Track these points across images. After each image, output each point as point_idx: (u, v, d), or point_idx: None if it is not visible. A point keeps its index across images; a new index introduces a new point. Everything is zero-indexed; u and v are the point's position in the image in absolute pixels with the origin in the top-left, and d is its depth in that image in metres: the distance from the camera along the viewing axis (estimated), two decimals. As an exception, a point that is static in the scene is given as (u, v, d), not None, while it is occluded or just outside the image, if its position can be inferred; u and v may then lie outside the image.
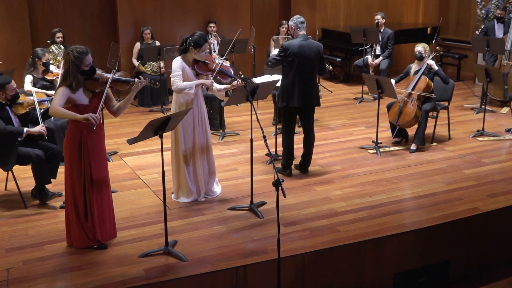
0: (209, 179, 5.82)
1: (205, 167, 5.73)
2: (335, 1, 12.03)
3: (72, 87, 4.46)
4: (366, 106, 9.47)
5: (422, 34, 11.37)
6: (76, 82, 4.46)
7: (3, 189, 6.04)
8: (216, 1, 10.58)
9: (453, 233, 5.36)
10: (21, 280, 4.34)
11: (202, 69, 5.50)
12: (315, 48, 6.16)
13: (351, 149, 7.33)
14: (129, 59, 9.87)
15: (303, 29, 6.23)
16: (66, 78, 4.47)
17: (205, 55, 5.47)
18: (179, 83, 5.39)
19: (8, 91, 5.50)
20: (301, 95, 6.12)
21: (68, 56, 4.46)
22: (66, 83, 4.46)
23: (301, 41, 6.14)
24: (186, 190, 5.69)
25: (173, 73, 5.42)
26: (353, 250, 4.94)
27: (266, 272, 4.61)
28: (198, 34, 5.41)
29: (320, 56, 6.20)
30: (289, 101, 6.15)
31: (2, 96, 5.50)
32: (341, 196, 5.88)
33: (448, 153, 7.17)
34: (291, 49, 6.08)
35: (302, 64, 6.10)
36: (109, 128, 7.91)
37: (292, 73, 6.10)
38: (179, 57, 5.50)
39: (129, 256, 4.69)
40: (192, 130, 5.55)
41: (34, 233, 5.10)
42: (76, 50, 4.46)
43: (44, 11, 9.85)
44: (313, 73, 6.23)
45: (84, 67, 4.48)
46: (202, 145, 5.63)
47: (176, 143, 5.61)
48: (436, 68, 7.20)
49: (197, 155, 5.62)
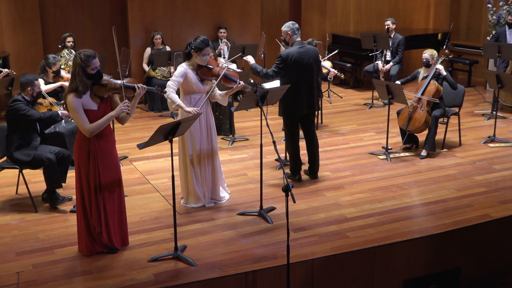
0: (216, 184, 5.82)
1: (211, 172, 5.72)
2: (345, 6, 12.03)
3: (78, 91, 4.43)
4: (376, 112, 9.45)
5: (432, 39, 11.35)
6: (82, 85, 4.43)
7: (14, 193, 6.08)
8: (227, 6, 10.61)
9: (464, 240, 5.33)
10: (31, 284, 4.36)
11: (205, 74, 5.45)
12: (312, 53, 6.15)
13: (361, 154, 7.31)
14: (139, 64, 9.91)
15: (299, 36, 6.20)
16: (73, 81, 4.47)
17: (207, 59, 5.41)
18: (171, 90, 5.37)
19: (36, 87, 5.66)
20: (305, 102, 6.11)
21: (75, 59, 4.47)
22: (72, 86, 4.44)
23: (299, 49, 6.09)
24: (194, 195, 5.70)
25: (172, 77, 5.45)
26: (362, 256, 4.92)
27: (275, 277, 4.60)
28: (201, 38, 5.40)
29: (318, 61, 6.20)
30: (294, 110, 6.12)
31: (29, 92, 5.62)
32: (351, 202, 5.87)
33: (458, 159, 7.13)
34: (291, 58, 6.02)
35: (303, 71, 6.07)
36: (119, 133, 7.95)
37: (294, 82, 5.98)
38: (184, 63, 5.49)
39: (139, 260, 4.70)
40: (199, 136, 5.55)
41: (44, 237, 5.12)
42: (84, 53, 4.46)
43: (56, 16, 9.92)
44: (314, 79, 6.21)
45: (91, 70, 4.45)
46: (208, 151, 5.63)
47: (183, 148, 5.62)
48: (445, 73, 7.17)
49: (204, 160, 5.62)
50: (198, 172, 5.62)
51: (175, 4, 10.22)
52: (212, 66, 5.45)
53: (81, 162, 4.60)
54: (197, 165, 5.60)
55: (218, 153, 5.80)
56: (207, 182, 5.70)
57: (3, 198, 5.94)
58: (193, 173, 5.61)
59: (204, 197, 5.72)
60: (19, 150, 5.56)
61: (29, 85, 5.62)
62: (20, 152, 5.57)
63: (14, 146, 5.57)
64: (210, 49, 5.40)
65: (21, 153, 5.57)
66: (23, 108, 5.48)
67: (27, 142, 5.57)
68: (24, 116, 5.48)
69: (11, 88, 7.63)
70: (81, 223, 4.73)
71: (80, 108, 4.43)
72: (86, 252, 4.76)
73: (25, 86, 5.62)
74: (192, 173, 5.61)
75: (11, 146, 5.59)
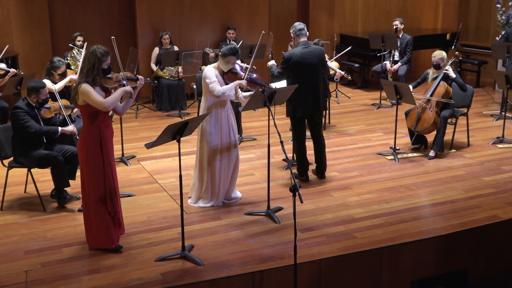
0: (232, 184, 5.83)
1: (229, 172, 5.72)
2: (354, 6, 12.00)
3: (95, 82, 4.63)
4: (384, 112, 9.43)
5: (441, 40, 11.30)
6: (99, 77, 4.65)
7: (23, 192, 6.11)
8: (235, 6, 10.62)
9: (472, 241, 5.31)
10: (39, 283, 4.38)
11: (231, 79, 5.53)
12: (317, 53, 6.13)
13: (368, 155, 7.30)
14: (147, 64, 9.93)
15: (303, 36, 6.17)
16: (89, 74, 4.62)
17: (229, 66, 5.48)
18: (218, 88, 5.40)
19: (41, 95, 5.66)
20: (310, 102, 6.10)
21: (94, 53, 4.63)
22: (88, 79, 4.61)
23: (302, 49, 6.09)
24: (206, 194, 5.70)
25: (210, 81, 5.42)
26: (370, 256, 4.91)
27: (283, 277, 4.60)
28: (231, 45, 5.50)
29: (323, 60, 6.18)
30: (298, 110, 6.12)
31: (34, 99, 5.64)
32: (358, 202, 5.86)
33: (467, 160, 7.10)
34: (293, 59, 6.03)
35: (307, 71, 6.06)
36: (127, 132, 7.97)
37: (298, 82, 5.96)
38: (211, 65, 5.56)
39: (146, 260, 4.71)
40: (220, 133, 5.56)
41: (52, 235, 5.15)
42: (102, 48, 4.68)
43: (64, 16, 9.96)
44: (319, 79, 6.19)
45: (105, 65, 4.69)
46: (228, 149, 5.63)
47: (202, 146, 5.61)
48: (454, 76, 7.13)
49: (223, 157, 5.62)
50: (217, 169, 5.61)
51: (183, 4, 10.24)
52: (237, 71, 5.52)
53: (92, 151, 4.69)
54: (216, 161, 5.59)
55: (238, 150, 5.80)
56: (224, 180, 5.69)
57: (12, 197, 5.98)
58: (209, 172, 5.60)
59: (217, 197, 5.72)
60: (23, 154, 5.60)
61: (33, 92, 5.62)
62: (24, 157, 5.61)
63: (18, 150, 5.62)
64: (235, 59, 5.45)
65: (25, 159, 5.61)
66: (22, 118, 5.51)
67: (30, 146, 5.59)
68: (22, 126, 5.52)
69: (20, 87, 7.68)
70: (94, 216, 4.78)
71: (94, 91, 4.62)
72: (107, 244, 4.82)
73: (30, 92, 5.63)
74: (208, 171, 5.60)
75: (15, 149, 5.63)
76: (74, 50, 8.66)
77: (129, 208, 5.69)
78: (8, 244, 4.99)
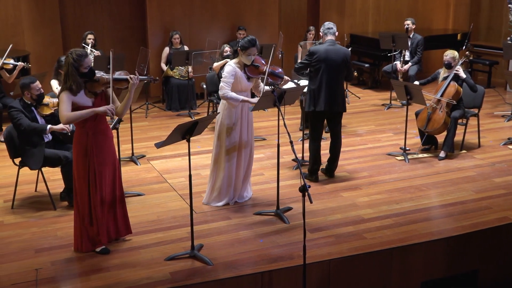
0: (246, 181, 5.83)
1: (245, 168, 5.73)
2: (364, 6, 11.97)
3: (72, 90, 4.48)
4: (394, 113, 9.39)
5: (452, 40, 11.25)
6: (76, 84, 4.48)
7: (33, 190, 6.14)
8: (245, 6, 10.62)
9: (482, 242, 5.28)
10: (50, 281, 4.41)
11: (253, 72, 5.51)
12: (342, 53, 6.15)
13: (378, 155, 7.28)
14: (158, 63, 9.97)
15: (331, 35, 6.24)
16: (66, 81, 4.51)
17: (251, 59, 5.44)
18: (227, 90, 5.39)
19: (33, 90, 5.60)
20: (327, 99, 6.10)
21: (67, 59, 4.52)
22: (66, 87, 4.50)
23: (328, 46, 6.16)
24: (218, 193, 5.70)
25: (223, 78, 5.43)
26: (379, 257, 4.89)
27: (292, 278, 4.60)
28: (248, 37, 5.45)
29: (347, 62, 6.18)
30: (316, 106, 6.14)
31: (27, 96, 5.62)
32: (368, 203, 5.84)
33: (477, 161, 7.06)
34: (317, 54, 6.09)
35: (329, 69, 6.08)
36: (137, 132, 8.00)
37: (318, 78, 6.10)
38: (231, 61, 5.54)
39: (155, 259, 4.73)
40: (240, 130, 5.55)
41: (62, 234, 5.17)
42: (75, 52, 4.52)
43: (75, 15, 10.01)
44: (340, 78, 6.19)
45: (83, 69, 4.52)
46: (245, 145, 5.64)
47: (219, 145, 5.61)
48: (464, 76, 7.09)
49: (240, 154, 5.62)
50: (233, 168, 5.61)
51: (194, 4, 10.27)
52: (258, 64, 5.50)
53: (79, 157, 4.64)
54: (233, 158, 5.59)
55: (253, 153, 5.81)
56: (239, 177, 5.70)
57: (23, 196, 6.01)
58: (226, 169, 5.60)
59: (233, 194, 5.72)
60: (27, 158, 5.61)
61: (25, 89, 5.60)
62: (29, 159, 5.61)
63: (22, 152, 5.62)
64: (255, 49, 5.43)
65: (30, 160, 5.61)
66: (15, 116, 5.49)
67: (33, 149, 5.57)
68: (15, 125, 5.51)
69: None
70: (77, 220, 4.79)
71: (68, 101, 4.47)
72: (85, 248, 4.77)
73: (22, 90, 5.62)
74: (226, 169, 5.60)
75: (20, 150, 5.64)
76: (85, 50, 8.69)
77: (139, 207, 5.71)
78: (19, 243, 5.02)
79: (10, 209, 5.70)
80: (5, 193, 6.06)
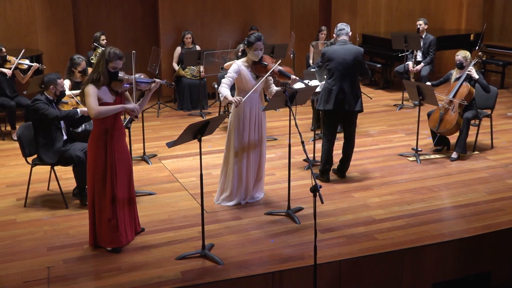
0: (258, 182, 5.83)
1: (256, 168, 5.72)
2: (376, 6, 11.93)
3: (98, 81, 4.58)
4: (406, 113, 9.35)
5: (465, 40, 11.18)
6: (103, 77, 4.59)
7: (46, 189, 6.18)
8: (257, 6, 10.63)
9: (495, 244, 5.24)
10: (61, 279, 4.43)
11: (260, 71, 5.49)
12: (353, 52, 6.13)
13: (390, 156, 7.25)
14: (169, 63, 9.99)
15: (343, 35, 6.25)
16: (95, 71, 4.62)
17: (259, 54, 5.42)
18: (222, 85, 5.41)
19: (58, 86, 5.71)
20: (337, 98, 6.09)
21: (103, 51, 4.65)
22: (93, 77, 4.59)
23: (339, 45, 6.19)
24: (229, 193, 5.71)
25: (228, 74, 5.46)
26: (390, 258, 4.87)
27: (302, 278, 4.59)
28: (254, 34, 5.45)
29: (359, 60, 6.16)
30: (326, 104, 6.14)
31: (52, 91, 5.70)
32: (379, 204, 5.82)
33: (490, 162, 7.01)
34: (327, 54, 6.13)
35: (340, 68, 6.08)
36: (148, 131, 8.02)
37: (330, 78, 6.13)
38: (239, 60, 5.54)
39: (166, 258, 4.74)
40: (248, 129, 5.55)
41: (74, 233, 5.20)
42: (114, 50, 4.63)
43: (88, 15, 10.07)
44: (352, 77, 6.15)
45: (111, 68, 4.61)
46: (256, 146, 5.64)
47: (229, 145, 5.62)
48: (477, 77, 7.04)
49: (250, 154, 5.62)
50: (243, 166, 5.61)
51: (206, 4, 10.29)
52: (266, 63, 5.48)
53: (98, 153, 4.69)
54: (243, 158, 5.59)
55: (265, 153, 5.80)
56: (252, 176, 5.70)
57: (35, 194, 6.05)
58: (236, 168, 5.60)
59: (245, 193, 5.72)
60: (44, 151, 5.65)
61: (51, 83, 5.68)
62: (46, 154, 5.65)
63: (39, 146, 5.67)
64: (262, 44, 5.42)
65: (46, 155, 5.66)
66: (42, 107, 5.55)
67: (51, 142, 5.63)
68: (42, 115, 5.55)
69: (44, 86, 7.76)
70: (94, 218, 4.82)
71: (95, 95, 4.57)
72: (111, 244, 4.82)
73: (48, 84, 5.69)
74: (235, 168, 5.60)
75: (37, 146, 5.70)
76: (98, 50, 8.73)
77: (150, 206, 5.73)
78: (31, 241, 5.06)
79: (23, 207, 5.75)
80: (18, 192, 6.10)
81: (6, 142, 7.93)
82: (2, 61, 7.92)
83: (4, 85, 7.93)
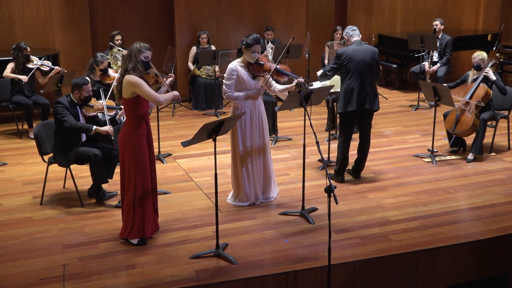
0: (267, 183, 5.82)
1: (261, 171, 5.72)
2: (392, 6, 11.86)
3: (138, 70, 4.70)
4: (422, 114, 9.30)
5: (482, 41, 11.07)
6: (141, 65, 4.72)
7: (62, 187, 6.23)
8: (272, 6, 10.62)
9: (511, 246, 5.19)
10: (76, 277, 4.47)
11: (257, 70, 5.48)
12: (370, 52, 6.11)
13: (405, 157, 7.21)
14: (185, 63, 10.02)
15: (356, 35, 6.20)
16: (129, 62, 4.71)
17: (255, 56, 5.40)
18: (229, 92, 5.41)
19: (83, 91, 5.72)
20: (359, 98, 6.05)
21: (133, 45, 4.78)
22: (131, 67, 4.69)
23: (355, 46, 6.13)
24: (243, 194, 5.71)
25: (224, 81, 5.46)
26: (405, 260, 4.85)
27: (316, 278, 4.58)
28: (253, 35, 5.41)
29: (375, 60, 6.13)
30: (348, 106, 6.09)
31: (76, 95, 5.73)
32: (394, 205, 5.79)
33: (507, 163, 6.94)
34: (345, 55, 6.06)
35: (358, 68, 6.05)
36: (164, 130, 8.05)
37: (349, 78, 6.06)
38: (235, 61, 5.51)
39: (180, 257, 4.76)
40: (250, 134, 5.56)
41: (89, 231, 5.24)
42: (142, 43, 4.81)
43: (105, 15, 10.12)
44: (370, 77, 6.12)
45: (144, 57, 4.74)
46: (259, 147, 5.63)
47: (234, 146, 5.63)
48: (494, 78, 6.98)
49: (254, 158, 5.62)
50: (250, 169, 5.62)
51: (221, 4, 10.30)
52: (263, 62, 5.46)
53: (140, 146, 4.80)
54: (248, 163, 5.60)
55: (269, 151, 5.79)
56: (259, 179, 5.71)
57: (51, 192, 6.10)
58: (244, 171, 5.61)
59: (256, 195, 5.73)
60: (58, 154, 5.70)
61: (76, 88, 5.70)
62: (59, 157, 5.70)
63: (55, 147, 5.73)
64: (260, 47, 5.40)
65: (59, 159, 5.71)
66: (60, 113, 5.59)
67: (68, 146, 5.66)
68: (59, 121, 5.61)
69: (60, 85, 7.84)
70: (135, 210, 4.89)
71: (146, 84, 4.73)
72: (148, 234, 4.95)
73: (73, 89, 5.73)
74: (243, 170, 5.61)
75: (54, 146, 5.75)
76: (114, 49, 8.78)
77: (165, 205, 5.75)
78: (47, 238, 5.11)
79: (39, 205, 5.80)
80: (35, 189, 6.16)
81: (23, 140, 8.01)
82: (26, 60, 8.00)
83: (23, 84, 8.01)
